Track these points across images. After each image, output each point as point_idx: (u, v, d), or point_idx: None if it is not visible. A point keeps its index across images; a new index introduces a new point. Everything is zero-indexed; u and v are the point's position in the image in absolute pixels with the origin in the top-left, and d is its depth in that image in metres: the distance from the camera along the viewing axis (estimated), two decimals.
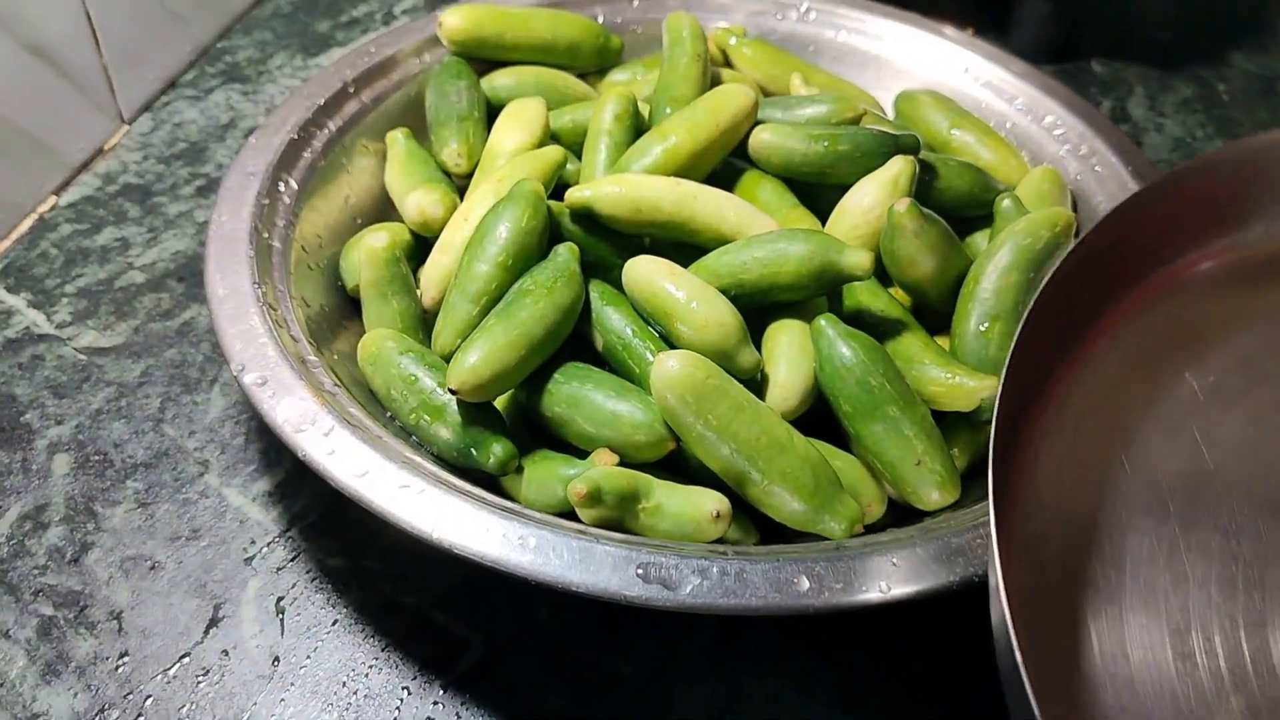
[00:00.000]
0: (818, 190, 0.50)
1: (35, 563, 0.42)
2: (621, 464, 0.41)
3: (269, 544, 0.44)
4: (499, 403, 0.45)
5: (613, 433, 0.42)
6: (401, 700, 0.38)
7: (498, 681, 0.39)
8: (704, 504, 0.39)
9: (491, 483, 0.42)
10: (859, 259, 0.43)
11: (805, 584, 0.35)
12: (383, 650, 0.40)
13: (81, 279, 0.54)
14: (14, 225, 0.56)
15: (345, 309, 0.49)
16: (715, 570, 0.35)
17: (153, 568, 0.43)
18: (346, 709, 0.38)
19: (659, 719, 0.38)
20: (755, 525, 0.41)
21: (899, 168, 0.47)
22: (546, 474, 0.42)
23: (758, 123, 0.51)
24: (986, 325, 0.45)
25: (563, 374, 0.43)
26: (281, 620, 0.41)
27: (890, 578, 0.36)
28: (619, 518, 0.40)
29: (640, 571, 0.35)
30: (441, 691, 0.39)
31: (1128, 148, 0.52)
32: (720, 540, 0.39)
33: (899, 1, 0.61)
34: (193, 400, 0.49)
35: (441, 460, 0.42)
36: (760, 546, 0.39)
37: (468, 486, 0.39)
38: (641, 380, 0.43)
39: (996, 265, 0.45)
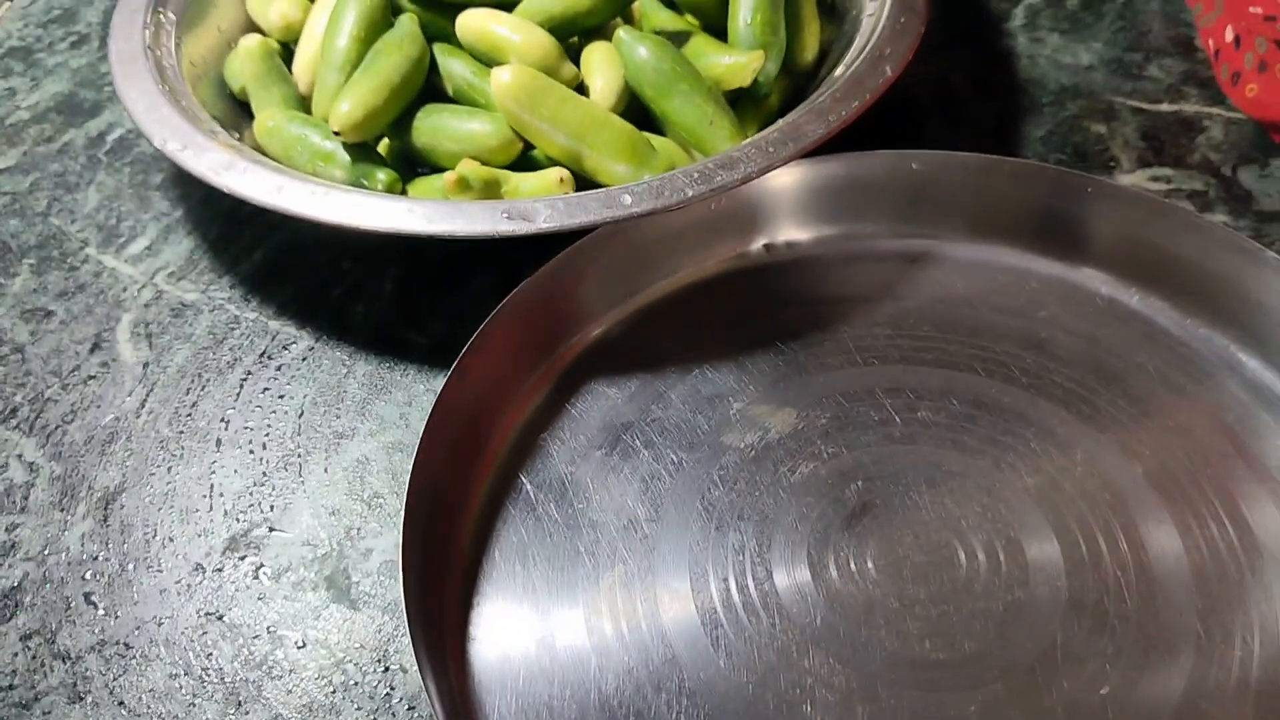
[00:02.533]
0: None
1: None
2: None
3: (139, 289, 0.54)
4: (381, 148, 0.55)
5: (471, 145, 0.52)
6: (243, 379, 0.50)
7: (319, 360, 0.50)
8: (550, 175, 0.51)
9: None
10: None
11: (628, 199, 0.47)
12: (230, 351, 0.51)
13: None
14: None
15: (238, 113, 0.59)
16: (561, 204, 0.47)
17: (46, 315, 0.53)
18: (201, 391, 0.49)
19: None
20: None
21: None
22: (425, 189, 0.53)
23: None
24: (751, 18, 0.56)
25: (424, 112, 0.54)
26: (149, 340, 0.52)
27: (691, 186, 0.47)
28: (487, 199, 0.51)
29: (505, 214, 0.47)
30: (277, 371, 0.50)
31: None
32: None
33: None
34: (73, 198, 0.59)
35: None
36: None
37: (359, 190, 0.49)
38: (488, 108, 0.54)
39: None
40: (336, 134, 0.51)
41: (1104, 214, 0.48)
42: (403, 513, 0.38)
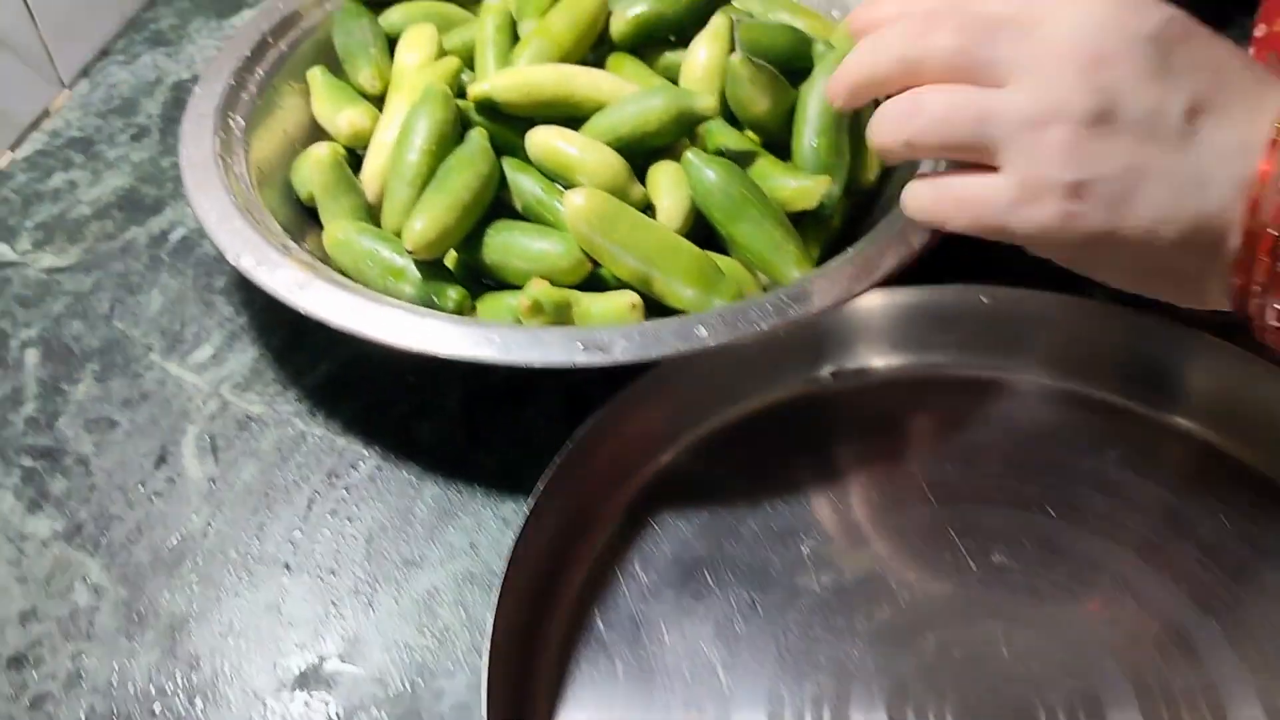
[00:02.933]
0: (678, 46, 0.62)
1: (15, 431, 0.53)
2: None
3: (203, 400, 0.54)
4: (448, 262, 0.55)
5: (541, 265, 0.53)
6: (311, 500, 0.50)
7: (386, 481, 0.50)
8: (622, 300, 0.51)
9: None
10: (707, 101, 0.55)
11: (703, 331, 0.47)
12: (296, 469, 0.51)
13: (38, 216, 0.64)
14: None
15: (303, 218, 0.59)
16: (636, 334, 0.47)
17: (111, 425, 0.53)
18: (268, 511, 0.49)
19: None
20: (661, 315, 0.53)
21: (719, 22, 0.59)
22: (495, 306, 0.53)
23: (610, 14, 0.62)
24: (816, 141, 0.57)
25: (494, 229, 0.54)
26: (215, 454, 0.51)
27: (765, 319, 0.48)
28: (559, 324, 0.51)
29: (581, 343, 0.47)
30: (345, 492, 0.50)
31: None
32: None
33: None
34: (136, 301, 0.59)
35: None
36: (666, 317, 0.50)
37: (435, 313, 0.49)
38: (557, 225, 0.54)
39: (816, 92, 0.57)
40: (410, 252, 0.52)
41: (1182, 361, 0.49)
42: (481, 657, 0.37)
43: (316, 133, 0.63)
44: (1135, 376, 0.50)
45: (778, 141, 0.59)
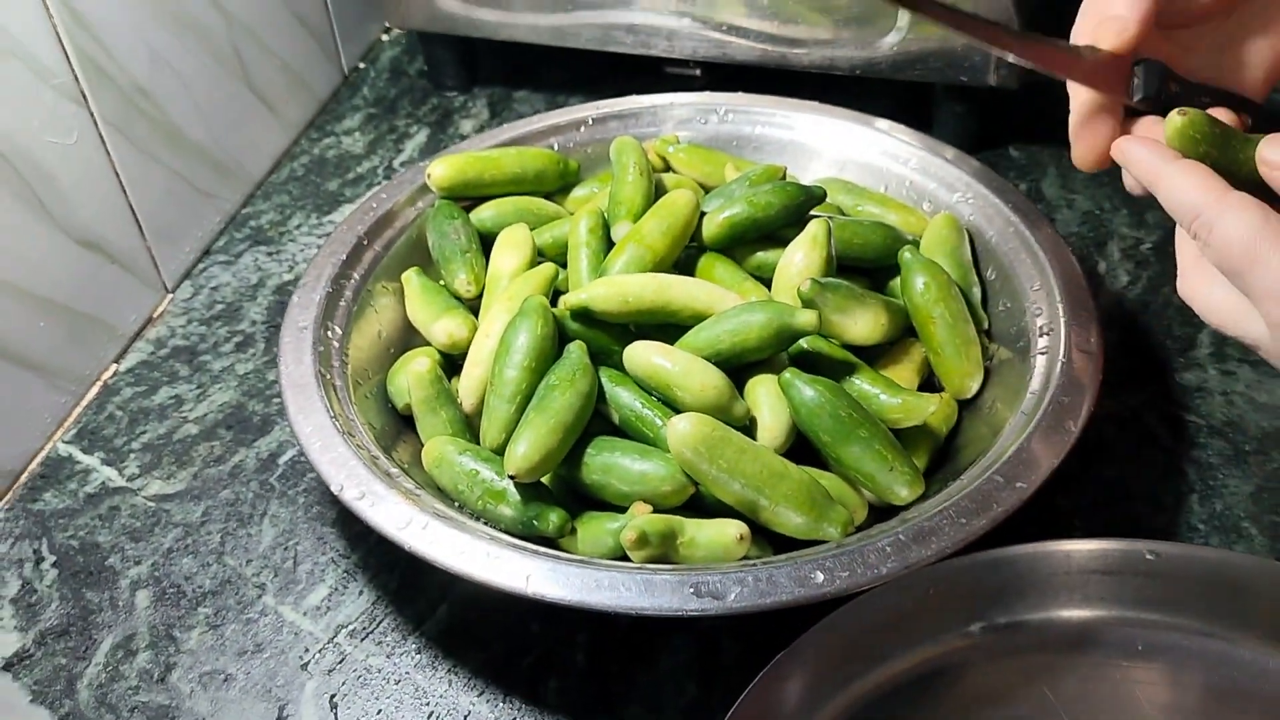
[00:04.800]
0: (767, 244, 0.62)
1: (129, 684, 0.51)
2: (655, 511, 0.52)
3: (320, 650, 0.53)
4: (546, 480, 0.55)
5: (643, 488, 0.52)
6: None
7: None
8: (729, 531, 0.50)
9: (552, 545, 0.52)
10: (808, 318, 0.54)
11: (820, 577, 0.46)
12: None
13: (145, 435, 0.63)
14: (83, 394, 0.66)
15: (398, 425, 0.59)
16: (750, 579, 0.46)
17: (226, 680, 0.52)
18: None
19: None
20: (769, 541, 0.52)
21: (816, 228, 0.59)
22: (596, 530, 0.52)
23: (703, 214, 0.62)
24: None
25: (594, 447, 0.54)
26: (335, 714, 0.50)
27: (885, 563, 0.46)
28: (663, 554, 0.50)
29: (693, 590, 0.46)
30: None
31: (1002, 187, 0.64)
32: (745, 557, 0.50)
33: (834, 102, 0.71)
34: (247, 533, 0.58)
35: (509, 534, 0.52)
36: (778, 556, 0.49)
37: (540, 549, 0.49)
38: (656, 441, 0.53)
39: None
40: (511, 477, 0.51)
41: None
42: None
43: (410, 333, 0.63)
44: None
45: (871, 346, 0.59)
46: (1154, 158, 0.44)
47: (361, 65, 0.93)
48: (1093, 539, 0.48)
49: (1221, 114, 0.45)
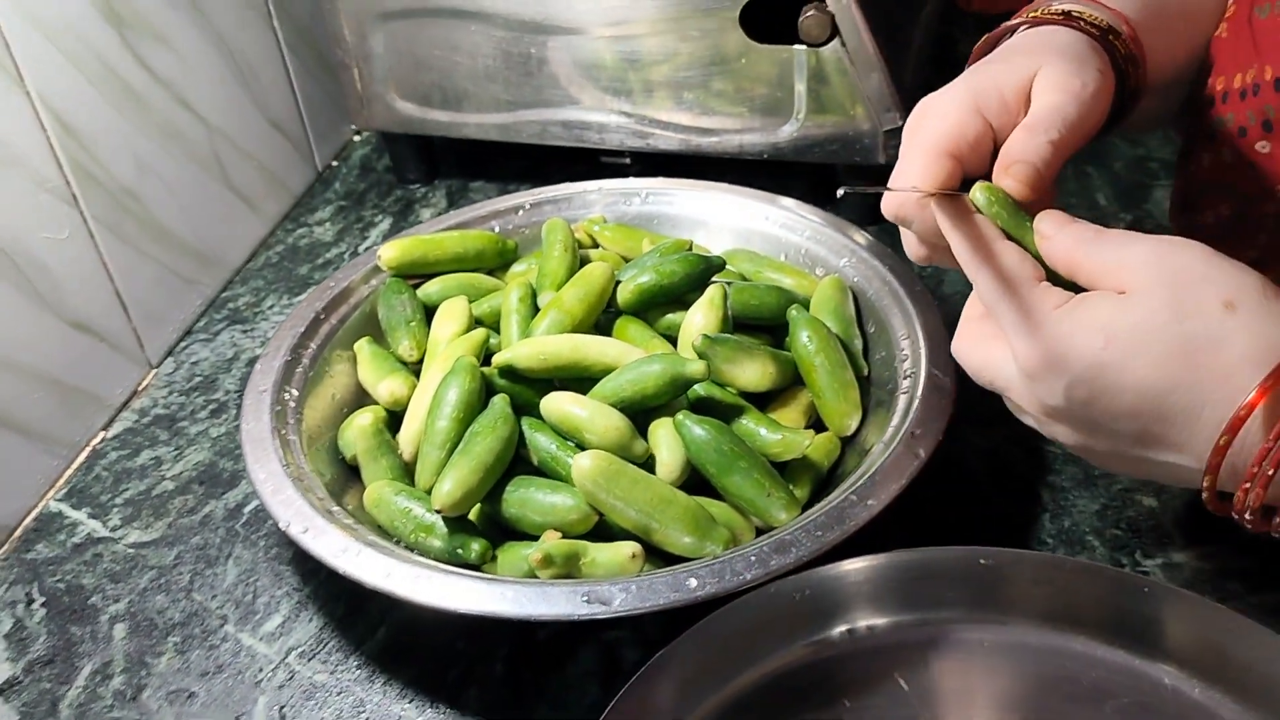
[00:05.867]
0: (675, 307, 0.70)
1: (104, 704, 0.58)
2: (565, 537, 0.59)
3: (273, 670, 0.59)
4: (472, 515, 0.62)
5: (554, 518, 0.59)
6: None
7: None
8: (624, 550, 0.57)
9: (477, 570, 0.59)
10: (697, 368, 0.62)
11: (694, 583, 0.53)
12: None
13: (127, 492, 0.71)
14: (74, 457, 0.74)
15: (347, 475, 0.67)
16: (634, 587, 0.53)
17: (190, 696, 0.58)
18: None
19: None
20: (665, 561, 0.59)
21: (713, 292, 0.67)
22: (513, 556, 0.60)
23: (618, 283, 0.71)
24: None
25: (512, 485, 0.61)
26: None
27: (749, 570, 0.53)
28: (568, 573, 0.57)
29: (584, 598, 0.53)
30: None
31: (882, 252, 0.72)
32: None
33: (757, 185, 0.80)
34: (213, 572, 0.66)
35: (438, 562, 0.59)
36: (662, 569, 0.56)
37: (456, 569, 0.56)
38: (568, 478, 0.61)
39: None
40: (438, 511, 0.59)
41: (1163, 613, 0.52)
42: None
43: (362, 395, 0.71)
44: (1123, 628, 0.53)
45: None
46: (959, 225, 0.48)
47: (335, 163, 1.03)
48: (938, 548, 0.55)
49: None
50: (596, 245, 0.80)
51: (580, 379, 0.66)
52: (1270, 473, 0.41)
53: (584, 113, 0.89)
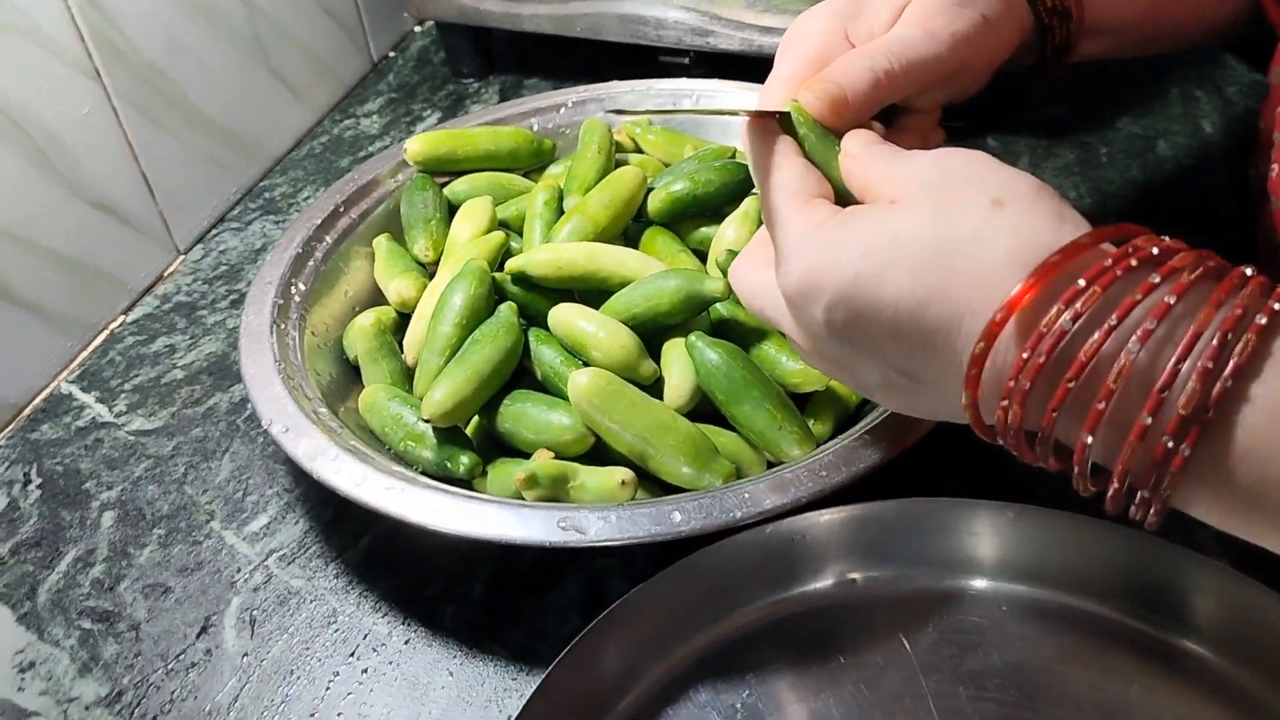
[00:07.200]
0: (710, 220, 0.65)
1: (81, 591, 0.57)
2: (558, 458, 0.55)
3: (251, 571, 0.57)
4: (470, 428, 0.59)
5: (548, 436, 0.55)
6: (330, 680, 0.52)
7: (404, 665, 0.53)
8: (614, 476, 0.53)
9: (467, 487, 0.56)
10: (716, 285, 0.57)
11: (677, 517, 0.48)
12: (323, 646, 0.53)
13: (137, 378, 0.70)
14: (90, 340, 0.73)
15: (352, 375, 0.64)
16: (614, 516, 0.49)
17: (165, 592, 0.57)
18: (291, 689, 0.52)
19: None
20: (661, 489, 0.55)
21: (748, 204, 0.61)
22: (504, 474, 0.56)
23: (650, 189, 0.66)
24: None
25: (510, 399, 0.57)
26: (252, 627, 0.55)
27: (741, 507, 0.49)
28: (555, 496, 0.53)
29: (560, 524, 0.49)
30: (363, 674, 0.52)
31: None
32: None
33: None
34: (208, 466, 0.64)
35: (427, 474, 0.56)
36: (647, 499, 0.52)
37: (434, 483, 0.53)
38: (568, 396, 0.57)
39: None
40: (426, 420, 0.55)
41: (1191, 585, 0.47)
42: None
43: (377, 295, 0.68)
44: (1147, 598, 0.48)
45: None
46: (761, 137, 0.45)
47: (391, 54, 0.99)
48: (957, 499, 0.50)
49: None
50: (639, 150, 0.75)
51: (599, 291, 0.61)
52: (1026, 386, 0.35)
53: (643, 6, 0.83)
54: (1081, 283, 0.34)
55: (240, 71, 0.82)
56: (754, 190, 0.65)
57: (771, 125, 0.45)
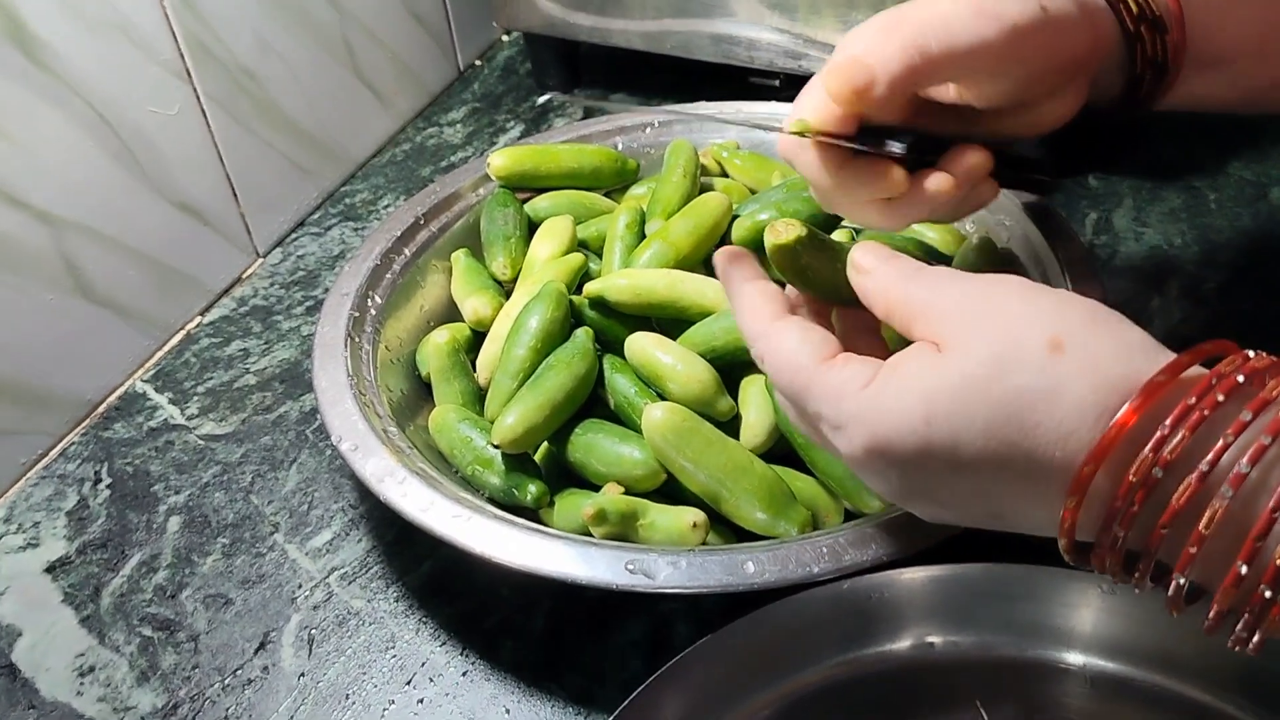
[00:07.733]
0: None
1: (144, 597, 0.57)
2: (628, 493, 0.54)
3: (312, 588, 0.57)
4: (539, 455, 0.57)
5: (619, 470, 0.54)
6: (385, 709, 0.51)
7: (461, 697, 0.51)
8: (685, 517, 0.51)
9: (533, 516, 0.54)
10: None
11: (751, 568, 0.47)
12: (381, 672, 0.53)
13: (211, 381, 0.70)
14: (166, 340, 0.73)
15: (423, 392, 0.63)
16: (684, 562, 0.47)
17: (226, 603, 0.56)
18: (345, 715, 0.51)
19: None
20: (734, 534, 0.53)
21: (839, 237, 0.59)
22: (571, 505, 0.54)
23: (736, 217, 0.64)
24: None
25: (581, 428, 0.56)
26: (310, 646, 0.54)
27: (818, 562, 0.47)
28: (623, 533, 0.52)
29: (629, 566, 0.47)
30: (419, 705, 0.51)
31: (1044, 214, 0.63)
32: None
33: None
34: (275, 476, 0.63)
35: (493, 501, 0.55)
36: (721, 546, 0.50)
37: (501, 513, 0.51)
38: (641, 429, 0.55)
39: None
40: (495, 446, 0.54)
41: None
42: None
43: (453, 311, 0.67)
44: (1246, 685, 0.45)
45: None
46: (730, 274, 0.45)
47: (478, 63, 0.99)
48: (1049, 567, 0.47)
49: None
50: (725, 174, 0.73)
51: (677, 320, 0.60)
52: (1120, 535, 0.35)
53: (736, 26, 0.81)
54: (1167, 425, 0.33)
55: (327, 75, 0.82)
56: (844, 222, 0.63)
57: (754, 265, 0.46)
